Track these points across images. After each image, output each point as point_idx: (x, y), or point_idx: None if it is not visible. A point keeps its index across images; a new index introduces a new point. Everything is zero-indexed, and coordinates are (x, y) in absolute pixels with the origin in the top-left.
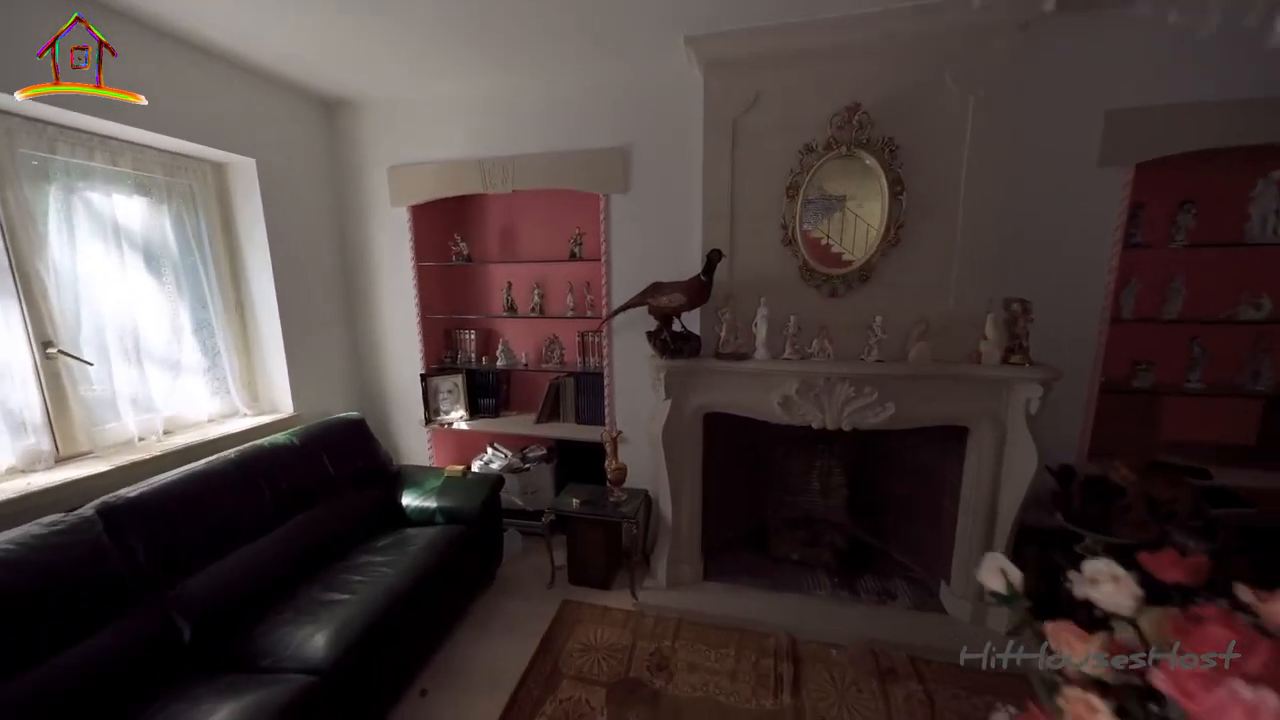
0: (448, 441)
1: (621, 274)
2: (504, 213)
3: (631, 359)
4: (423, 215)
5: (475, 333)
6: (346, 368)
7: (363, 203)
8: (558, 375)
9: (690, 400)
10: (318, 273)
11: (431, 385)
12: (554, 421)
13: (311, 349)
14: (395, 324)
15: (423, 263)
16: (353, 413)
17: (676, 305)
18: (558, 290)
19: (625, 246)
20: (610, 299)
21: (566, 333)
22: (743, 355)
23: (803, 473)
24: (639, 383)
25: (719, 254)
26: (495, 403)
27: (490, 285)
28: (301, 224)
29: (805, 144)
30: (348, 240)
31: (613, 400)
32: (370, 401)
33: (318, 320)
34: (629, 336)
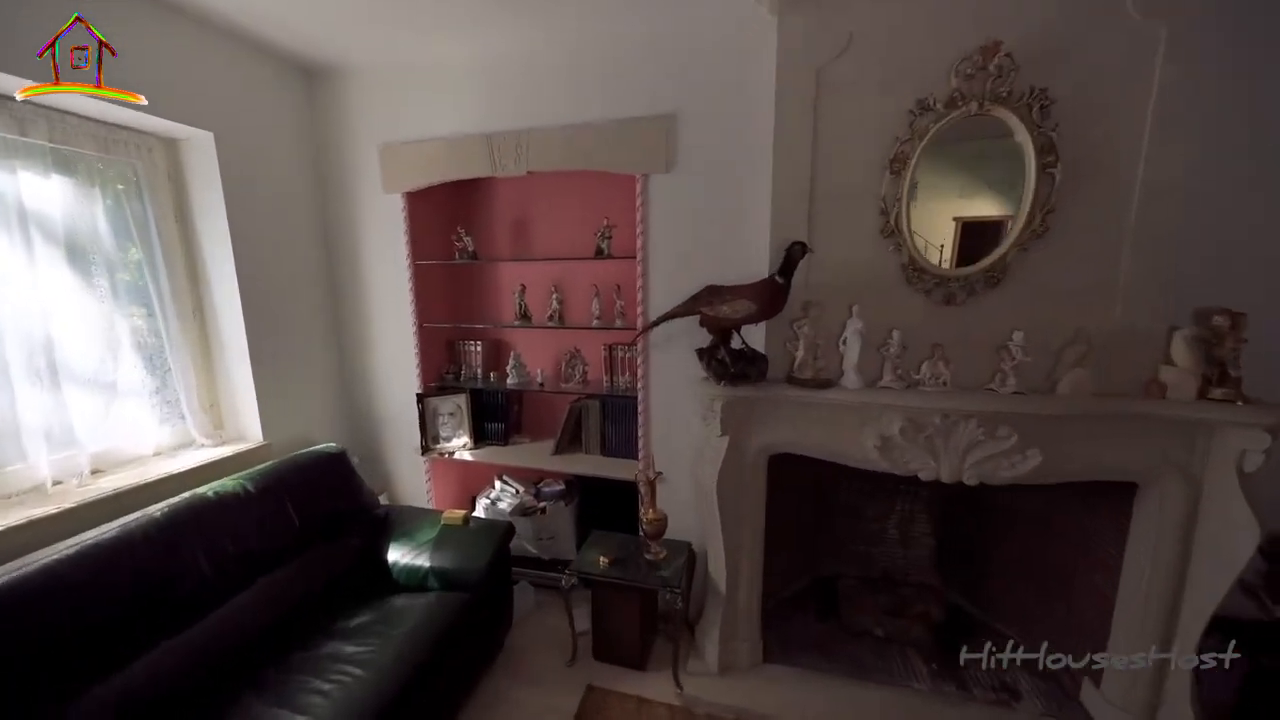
0: (448, 473)
1: (662, 274)
2: (517, 200)
3: (672, 381)
4: (420, 204)
5: (482, 344)
6: (329, 387)
7: (349, 189)
8: (580, 397)
9: (753, 438)
10: (294, 273)
11: (430, 407)
12: (575, 453)
13: (286, 365)
14: (387, 334)
15: (420, 261)
16: (330, 445)
17: (742, 316)
18: (581, 294)
19: (668, 240)
20: (648, 306)
21: (591, 346)
22: (826, 382)
23: (877, 517)
24: (681, 410)
25: (802, 248)
26: (504, 428)
27: (500, 288)
28: (273, 214)
29: (919, 100)
30: (331, 234)
31: (648, 430)
32: (357, 426)
33: (294, 330)
34: (670, 352)
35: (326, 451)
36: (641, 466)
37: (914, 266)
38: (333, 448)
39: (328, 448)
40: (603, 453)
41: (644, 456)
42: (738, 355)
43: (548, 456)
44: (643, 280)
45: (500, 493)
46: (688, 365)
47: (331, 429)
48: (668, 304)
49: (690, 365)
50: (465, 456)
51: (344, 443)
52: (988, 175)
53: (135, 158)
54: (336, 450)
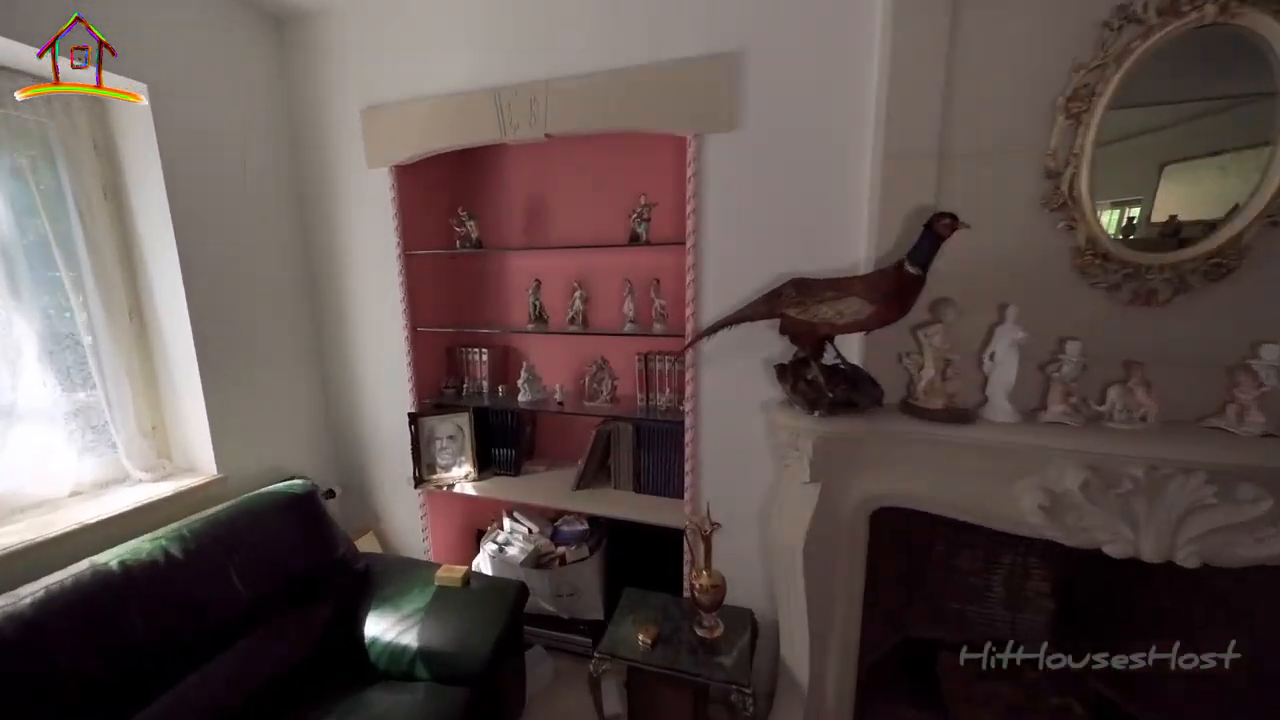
0: (448, 508)
1: (719, 265)
2: (531, 173)
3: (731, 403)
4: (412, 181)
5: (488, 353)
6: (303, 404)
7: (325, 162)
8: (608, 419)
9: (854, 486)
10: (257, 266)
11: (425, 429)
12: (602, 487)
13: (247, 378)
14: (373, 340)
15: (413, 251)
16: (294, 484)
17: (849, 320)
18: (610, 291)
19: (727, 221)
20: (699, 306)
21: (622, 355)
22: (963, 413)
23: (979, 569)
24: (742, 439)
25: (951, 221)
26: (515, 455)
27: (510, 284)
28: (229, 193)
29: (1120, 6)
30: (304, 218)
31: (698, 464)
32: (338, 452)
33: (257, 335)
34: (729, 366)
35: (289, 493)
36: (690, 512)
37: (1095, 251)
38: (298, 487)
39: (291, 487)
40: (636, 488)
41: (691, 496)
42: (836, 374)
43: (568, 492)
44: (693, 273)
45: (510, 534)
46: (755, 384)
47: (306, 456)
48: (726, 303)
49: (758, 384)
50: (468, 490)
51: (322, 472)
52: (1217, 124)
53: (45, 116)
54: (302, 490)
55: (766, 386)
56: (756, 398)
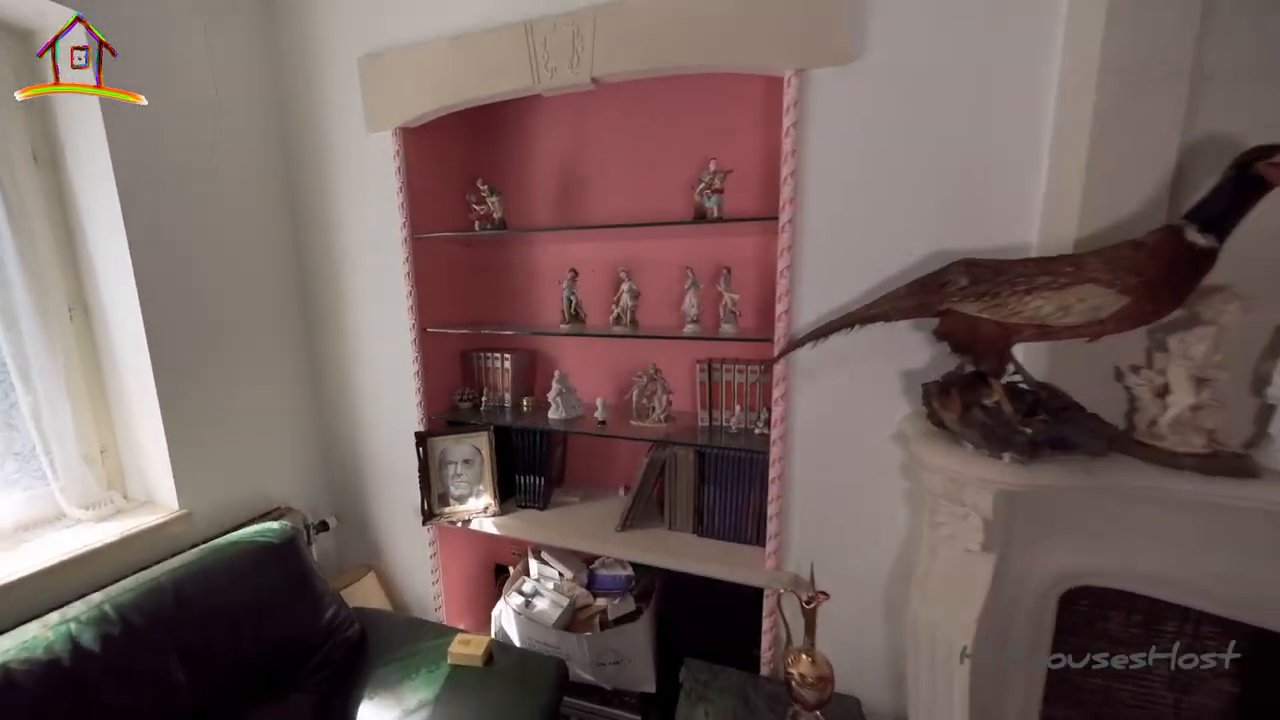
0: (464, 547)
1: (827, 247)
2: (569, 135)
3: (837, 426)
4: (422, 147)
5: (512, 359)
6: (289, 420)
7: (316, 124)
8: (661, 443)
9: (1040, 558)
10: (231, 251)
11: (435, 452)
12: (652, 527)
13: (218, 388)
14: (373, 342)
15: (422, 234)
16: (269, 526)
17: (1084, 319)
18: (666, 283)
19: (841, 185)
20: (796, 299)
21: (679, 363)
22: (1239, 461)
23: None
24: (852, 474)
25: None
26: (544, 483)
27: (540, 274)
28: (195, 161)
29: None
30: (290, 193)
31: (786, 505)
32: (333, 476)
33: (232, 335)
34: (835, 379)
35: (262, 540)
36: (773, 567)
37: None
38: (274, 532)
39: (265, 533)
40: (697, 530)
41: (777, 547)
42: (1027, 400)
43: (610, 532)
44: (789, 258)
45: (538, 582)
46: (877, 405)
47: (294, 482)
48: (835, 297)
49: (882, 405)
50: (486, 526)
51: (314, 500)
52: None
53: None
54: (279, 536)
55: (894, 408)
56: (880, 424)
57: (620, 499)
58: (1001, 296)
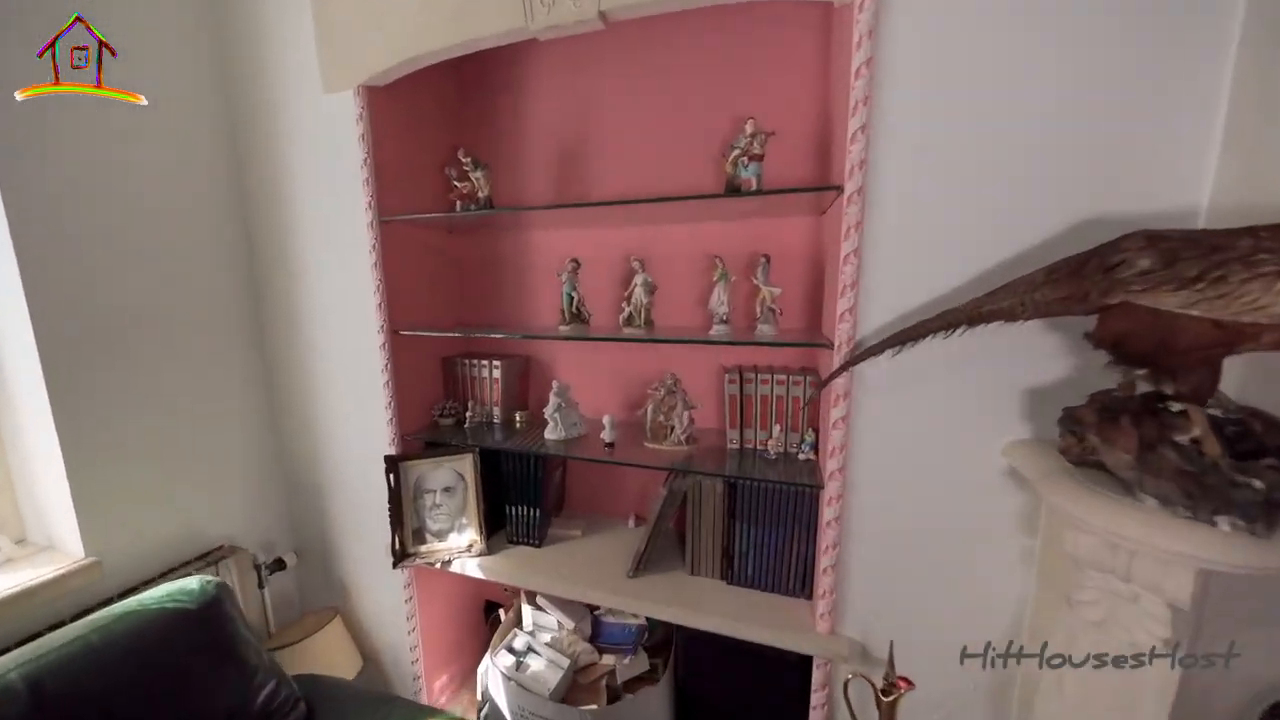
0: (445, 590)
1: (915, 221)
2: (570, 94)
3: (918, 455)
4: (391, 110)
5: (501, 366)
6: (237, 442)
7: (262, 83)
8: (682, 471)
9: (1246, 658)
10: (154, 249)
11: (409, 479)
12: (670, 569)
13: (136, 413)
14: (337, 349)
15: (392, 216)
16: (187, 585)
17: None
18: (686, 274)
19: (935, 140)
20: (863, 293)
21: (703, 372)
22: None
23: None
24: (937, 520)
25: None
26: (539, 515)
27: (534, 265)
28: (110, 125)
29: None
30: (235, 174)
31: (844, 551)
32: (291, 506)
33: (155, 349)
34: (915, 395)
35: (169, 608)
36: (827, 631)
37: None
38: (187, 595)
39: (178, 596)
40: (726, 576)
41: (831, 606)
42: (1226, 433)
43: (621, 578)
44: (857, 238)
45: (532, 636)
46: (971, 429)
47: (242, 515)
48: (918, 289)
49: (978, 430)
50: (470, 568)
51: (269, 533)
52: None
53: None
54: (195, 601)
55: (1002, 435)
56: (981, 456)
57: (630, 530)
58: (1231, 283)
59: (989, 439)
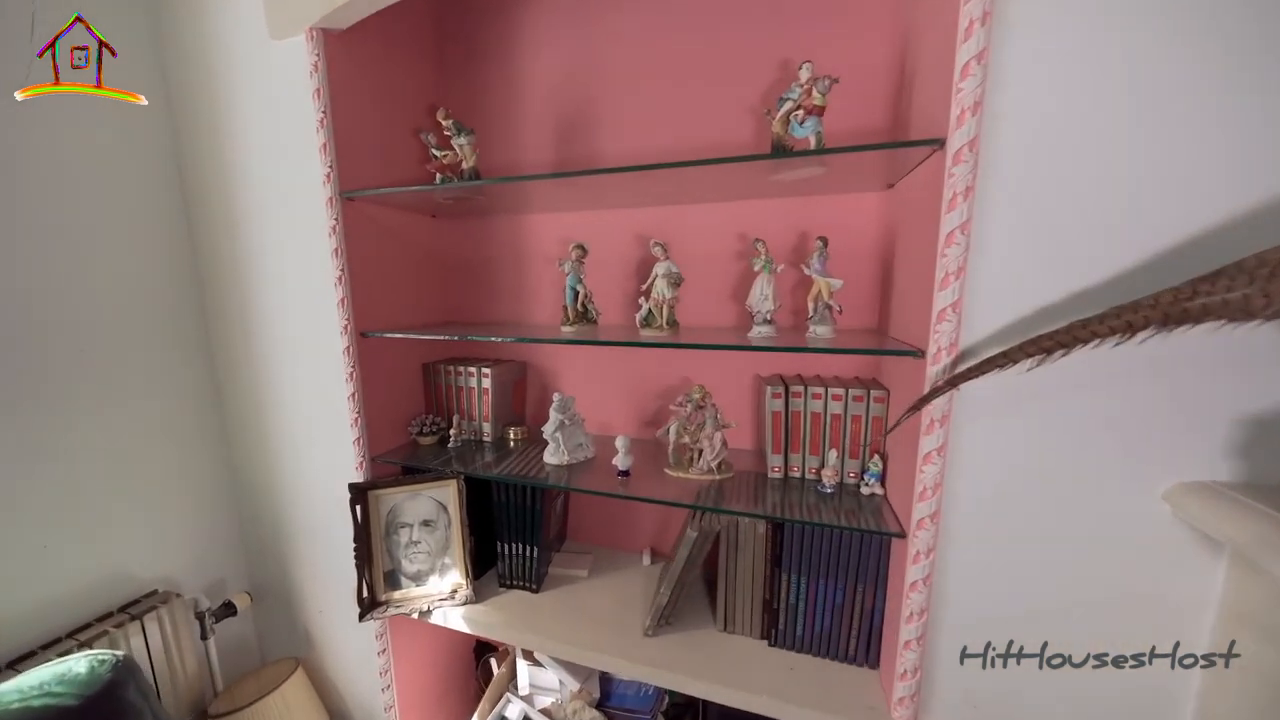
0: (424, 643)
1: (1060, 186)
2: (572, 40)
3: (1042, 500)
4: (355, 62)
5: (492, 374)
6: (171, 469)
7: (197, 28)
8: (708, 499)
9: None
10: (62, 230)
11: (380, 511)
12: (697, 625)
13: (41, 428)
14: (294, 353)
15: (356, 191)
16: (67, 669)
17: None
18: (717, 263)
19: (1090, 76)
20: (977, 281)
21: (732, 382)
22: None
23: None
24: (1074, 584)
25: None
26: (536, 554)
27: (529, 252)
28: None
29: None
30: (170, 139)
31: (933, 619)
32: (246, 544)
33: (57, 345)
34: (1040, 421)
35: (40, 706)
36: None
37: None
38: (72, 683)
39: (59, 684)
40: (769, 637)
41: (916, 690)
42: None
43: (637, 635)
44: (967, 209)
45: (527, 703)
46: (1137, 466)
47: (181, 552)
48: (1055, 279)
49: (1149, 468)
50: (454, 619)
51: (219, 570)
52: None
53: None
54: (81, 692)
55: (1166, 472)
56: (1147, 505)
57: (644, 569)
58: None
59: (1150, 480)
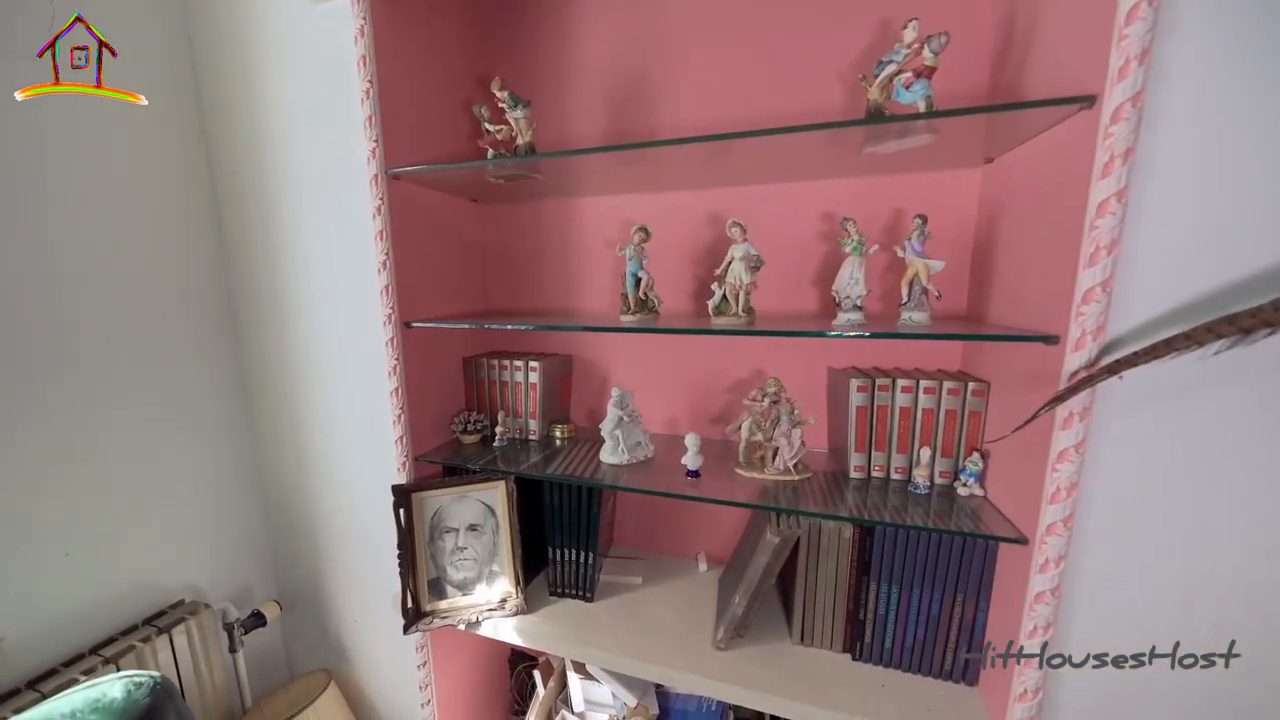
0: (469, 655)
1: (1222, 159)
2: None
3: (1196, 506)
4: (401, 26)
5: (540, 369)
6: (200, 472)
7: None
8: (790, 512)
9: None
10: (89, 218)
11: (424, 516)
12: (768, 640)
13: (58, 426)
14: (331, 346)
15: (402, 169)
16: (101, 694)
17: None
18: (792, 247)
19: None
20: (1131, 259)
21: (804, 373)
22: None
23: None
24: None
25: None
26: (589, 560)
27: (581, 238)
28: (19, 64)
29: None
30: (198, 113)
31: (1059, 633)
32: (275, 552)
33: (80, 338)
34: (1200, 415)
35: None
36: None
37: None
38: (109, 708)
39: (94, 708)
40: (853, 651)
41: (1037, 711)
42: None
43: (705, 648)
44: (1124, 176)
45: (582, 710)
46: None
47: (208, 561)
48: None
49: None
50: (505, 631)
51: (247, 580)
52: None
53: None
54: (118, 715)
55: None
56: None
57: (702, 575)
58: None
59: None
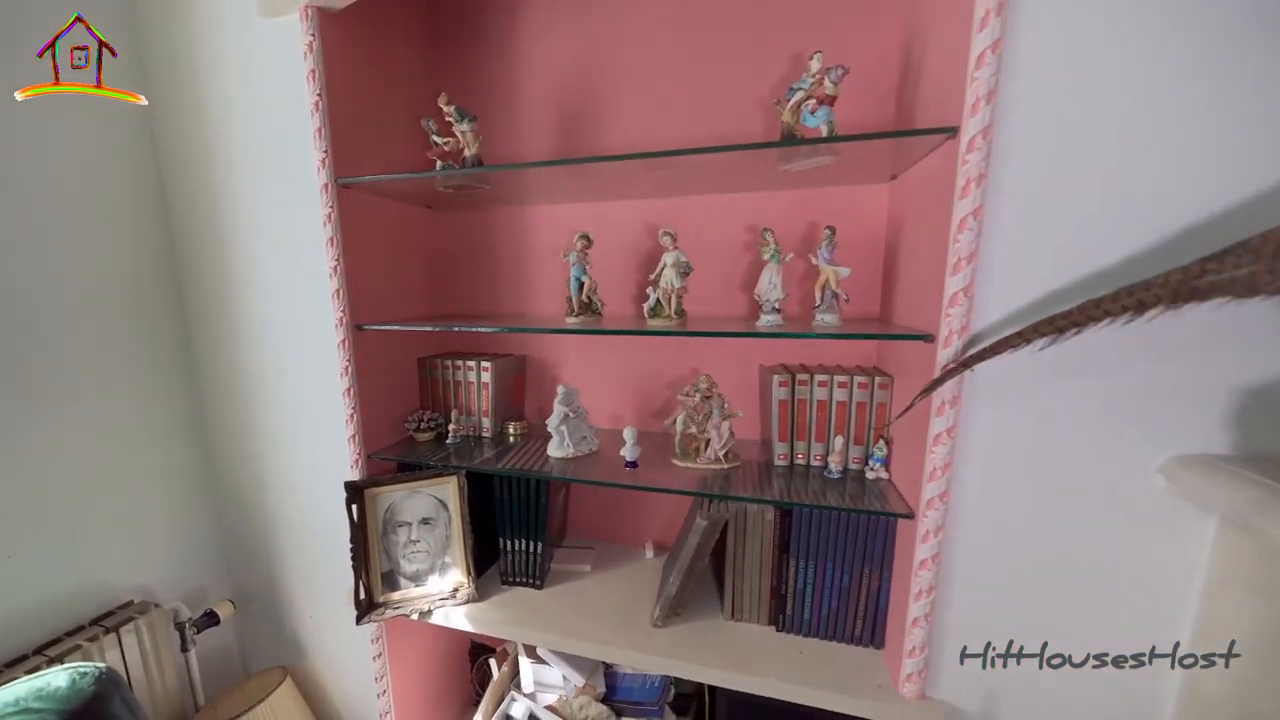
0: (423, 643)
1: (1071, 172)
2: (577, 26)
3: (1046, 480)
4: (350, 42)
5: (492, 368)
6: (150, 469)
7: (181, 8)
8: (719, 497)
9: None
10: (35, 218)
11: (377, 510)
12: (704, 615)
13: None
14: (284, 346)
15: (352, 178)
16: (45, 684)
17: None
18: (721, 254)
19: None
20: (987, 268)
21: (735, 372)
22: None
23: None
24: (1071, 563)
25: None
26: (540, 551)
27: (531, 245)
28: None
29: None
30: (148, 123)
31: (940, 597)
32: (228, 550)
33: (20, 335)
34: (1047, 402)
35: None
36: (917, 697)
37: None
38: (51, 702)
39: (33, 706)
40: (777, 623)
41: (922, 667)
42: None
43: (645, 626)
44: (978, 197)
45: (532, 700)
46: (1142, 445)
47: (158, 560)
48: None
49: (1152, 445)
50: (457, 619)
51: (197, 578)
52: None
53: None
54: (60, 710)
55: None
56: (1133, 478)
57: (648, 561)
58: None
59: (1144, 453)
